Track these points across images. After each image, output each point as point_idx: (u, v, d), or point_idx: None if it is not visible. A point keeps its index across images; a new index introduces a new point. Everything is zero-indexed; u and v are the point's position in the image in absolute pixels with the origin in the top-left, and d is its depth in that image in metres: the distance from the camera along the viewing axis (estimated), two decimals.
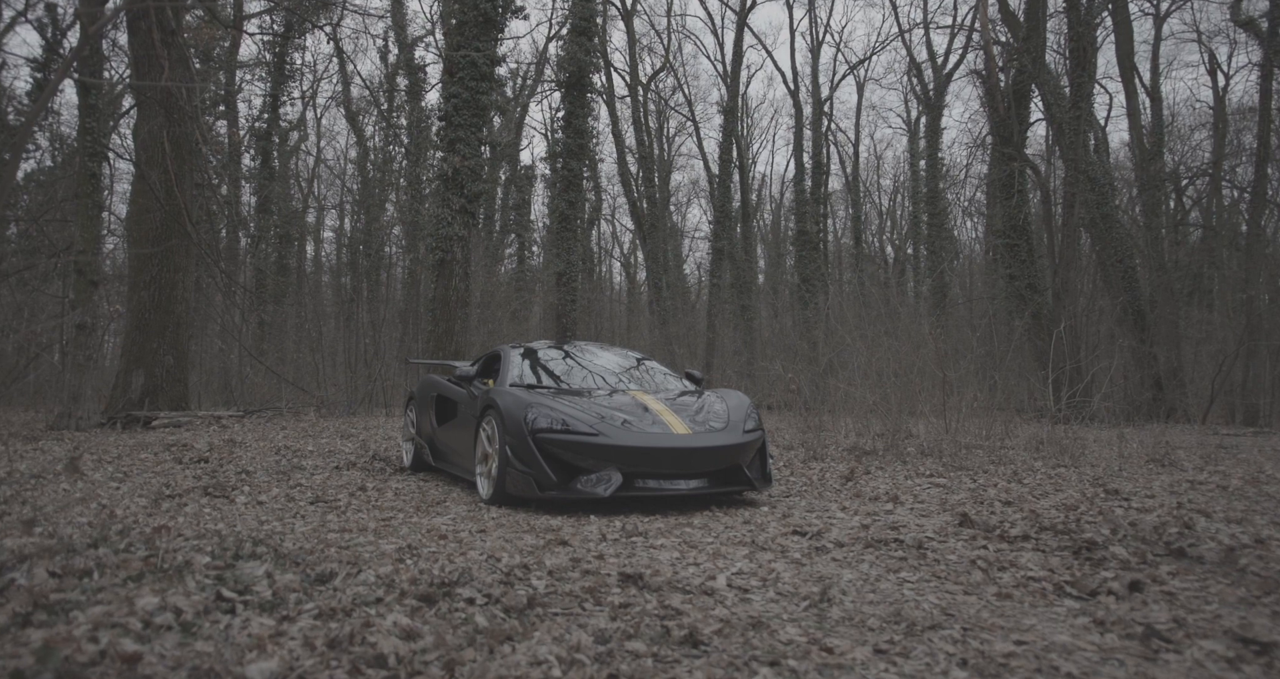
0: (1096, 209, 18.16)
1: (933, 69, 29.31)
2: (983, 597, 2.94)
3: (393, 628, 2.14)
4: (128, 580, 2.44)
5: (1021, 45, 18.47)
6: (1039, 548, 3.72)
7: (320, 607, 2.31)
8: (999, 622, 2.58)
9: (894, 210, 38.68)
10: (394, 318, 18.12)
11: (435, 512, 4.84)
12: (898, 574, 3.28)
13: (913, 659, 2.22)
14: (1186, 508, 4.57)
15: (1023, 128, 19.37)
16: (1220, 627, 2.47)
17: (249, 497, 5.19)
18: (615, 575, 2.96)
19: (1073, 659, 2.21)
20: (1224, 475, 6.47)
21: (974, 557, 3.54)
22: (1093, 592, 2.94)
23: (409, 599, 2.46)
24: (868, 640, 2.36)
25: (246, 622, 2.15)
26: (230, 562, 2.69)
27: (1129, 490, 5.45)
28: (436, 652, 2.00)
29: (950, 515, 4.53)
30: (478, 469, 5.41)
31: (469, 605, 2.48)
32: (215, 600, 2.28)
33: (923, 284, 29.09)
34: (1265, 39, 19.76)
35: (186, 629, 2.07)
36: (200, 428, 11.06)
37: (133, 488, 5.48)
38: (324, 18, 20.27)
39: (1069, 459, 7.59)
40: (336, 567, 2.78)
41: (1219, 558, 3.39)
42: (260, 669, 1.77)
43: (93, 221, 14.60)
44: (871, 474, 6.57)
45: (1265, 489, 5.65)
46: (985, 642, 2.36)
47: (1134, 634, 2.43)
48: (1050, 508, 4.56)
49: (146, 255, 11.94)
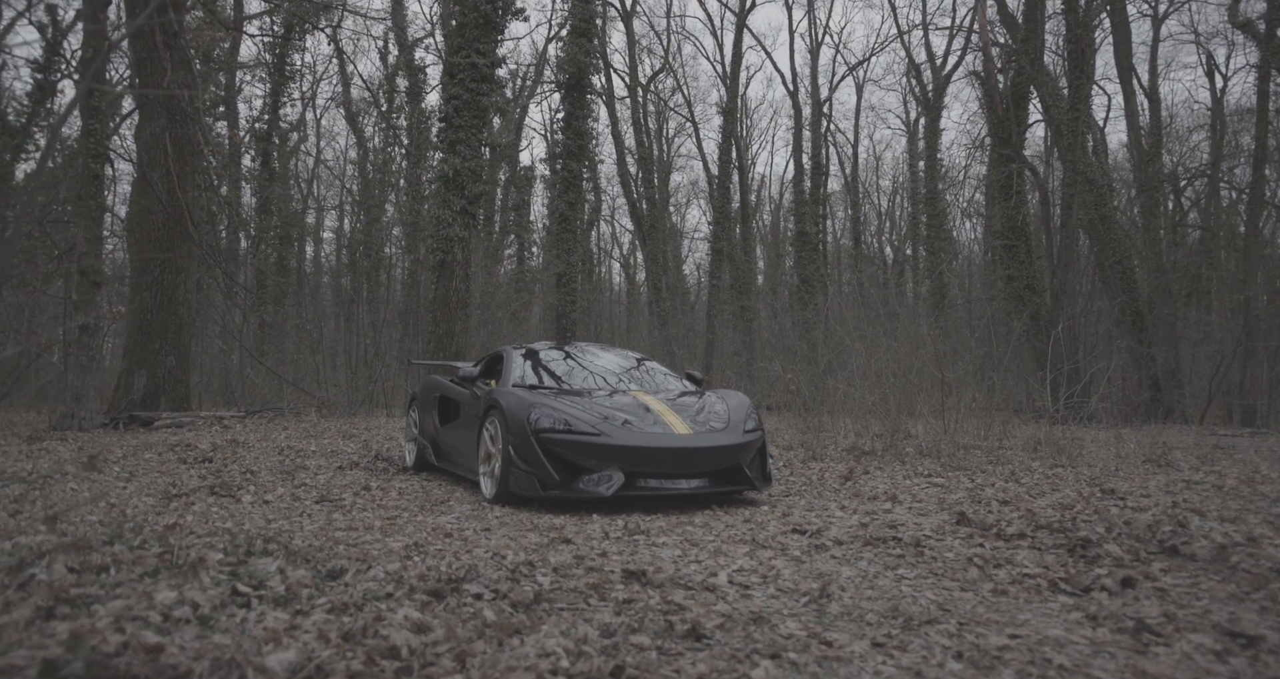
0: (1095, 210, 18.24)
1: (932, 70, 29.40)
2: (978, 593, 3.00)
3: (404, 622, 2.20)
4: (144, 576, 2.50)
5: (1020, 47, 18.54)
6: (1035, 546, 3.78)
7: (332, 601, 2.37)
8: (994, 617, 2.65)
9: (893, 211, 38.78)
10: (394, 319, 18.19)
11: (439, 510, 4.90)
12: (895, 571, 3.34)
13: (909, 652, 2.28)
14: (1181, 507, 4.63)
15: (1021, 129, 19.44)
16: (1209, 621, 2.53)
17: (255, 496, 5.25)
18: (619, 572, 3.02)
19: (1065, 652, 2.28)
20: (1220, 475, 6.53)
21: (970, 554, 3.60)
22: (1086, 588, 3.00)
23: (418, 595, 2.52)
24: (866, 634, 2.43)
25: (262, 615, 2.21)
26: (243, 558, 2.76)
27: (1125, 490, 5.51)
28: (448, 644, 2.06)
29: (948, 514, 4.59)
30: (481, 469, 5.48)
31: (477, 601, 2.55)
32: (230, 595, 2.34)
33: (921, 285, 29.15)
34: (1263, 41, 19.84)
35: (204, 622, 2.13)
36: (203, 428, 11.12)
37: (140, 487, 5.54)
38: (324, 19, 20.34)
39: (1066, 459, 7.65)
40: (346, 563, 2.84)
41: (1211, 555, 3.45)
42: (279, 660, 1.83)
43: (95, 223, 14.67)
44: (870, 474, 6.63)
45: (1260, 489, 5.71)
46: (980, 636, 2.42)
47: (1125, 628, 2.49)
48: (1046, 507, 4.62)
49: (148, 256, 12.00)
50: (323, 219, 31.91)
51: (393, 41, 26.04)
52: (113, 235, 19.71)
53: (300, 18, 19.69)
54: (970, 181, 32.03)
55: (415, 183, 23.78)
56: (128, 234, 15.54)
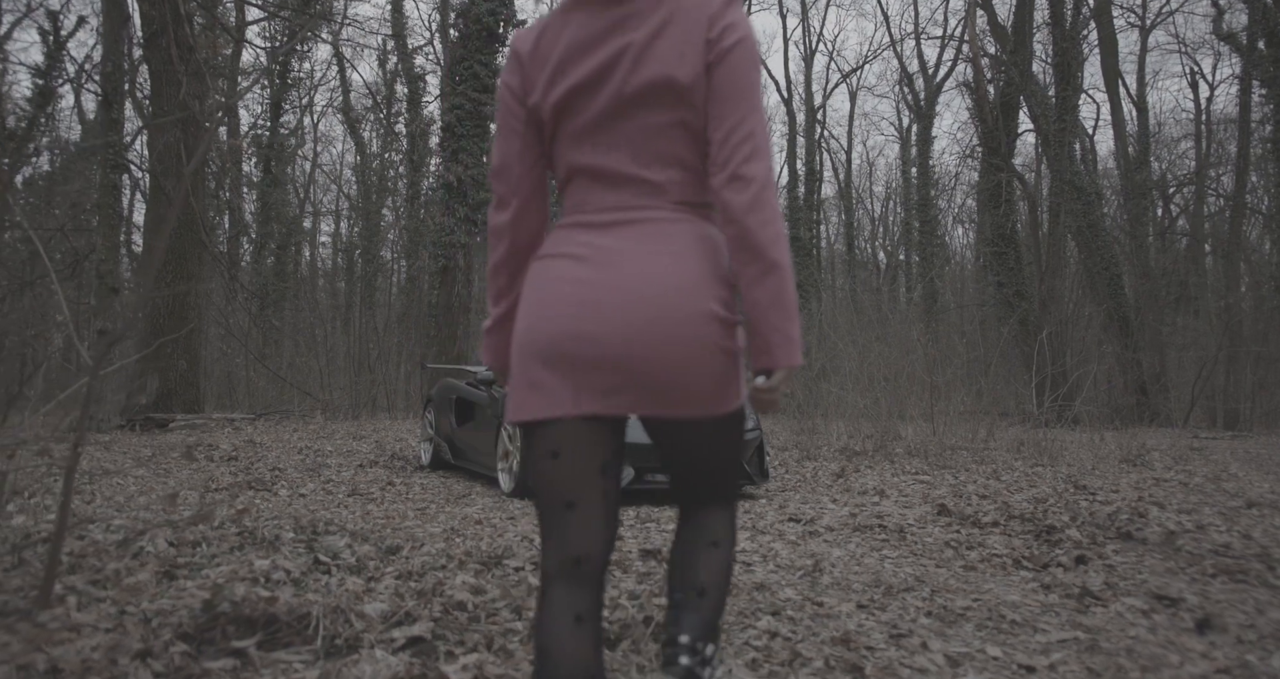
0: (1083, 218, 18.69)
1: (924, 79, 29.93)
2: (951, 569, 3.42)
3: (463, 585, 2.61)
4: (232, 550, 2.92)
5: (1009, 58, 19.03)
6: (1005, 532, 4.21)
7: (398, 570, 2.78)
8: (962, 586, 3.07)
9: (886, 216, 39.27)
10: (394, 323, 18.58)
11: (464, 503, 5.30)
12: (880, 552, 3.76)
13: (888, 612, 2.70)
14: (1145, 500, 5.06)
15: (1010, 139, 19.93)
16: (1144, 589, 2.96)
17: (290, 490, 5.64)
18: (636, 551, 3.44)
19: (1018, 611, 2.70)
20: (1189, 474, 6.97)
21: (948, 539, 4.03)
22: (1045, 565, 3.43)
23: (470, 565, 2.94)
24: (852, 599, 2.85)
25: (342, 580, 2.62)
26: (312, 536, 3.17)
27: (1097, 486, 5.94)
28: (504, 601, 2.48)
29: (930, 507, 5.01)
30: (499, 465, 5.88)
31: (518, 571, 2.96)
32: (313, 564, 2.75)
33: (914, 290, 29.63)
34: (1245, 53, 20.39)
35: (297, 584, 2.54)
36: (216, 429, 11.51)
37: (179, 482, 5.93)
38: (325, 28, 20.70)
39: (1047, 459, 8.07)
40: (400, 542, 3.25)
41: (1160, 540, 3.88)
42: (374, 608, 2.24)
43: (113, 230, 15.08)
44: (861, 472, 7.06)
45: (1224, 485, 6.15)
46: (949, 599, 2.84)
47: (1072, 594, 2.92)
48: (1022, 501, 5.04)
49: (161, 263, 12.39)
50: (318, 223, 32.21)
51: (391, 48, 26.40)
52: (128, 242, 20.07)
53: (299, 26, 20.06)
54: (962, 188, 32.59)
55: (415, 189, 24.16)
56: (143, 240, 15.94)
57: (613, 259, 1.36)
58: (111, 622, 2.10)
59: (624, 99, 1.38)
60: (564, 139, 1.45)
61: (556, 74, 1.41)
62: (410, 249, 23.48)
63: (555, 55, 1.42)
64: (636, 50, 1.36)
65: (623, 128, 1.40)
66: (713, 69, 1.35)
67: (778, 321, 1.33)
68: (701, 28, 1.35)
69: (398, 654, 2.00)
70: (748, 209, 1.31)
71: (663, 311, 1.32)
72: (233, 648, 1.99)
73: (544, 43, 1.44)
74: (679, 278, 1.34)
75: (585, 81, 1.40)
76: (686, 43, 1.35)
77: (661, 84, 1.36)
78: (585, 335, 1.33)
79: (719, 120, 1.35)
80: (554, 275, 1.39)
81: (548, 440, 1.38)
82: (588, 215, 1.42)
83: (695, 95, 1.36)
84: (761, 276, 1.32)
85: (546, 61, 1.43)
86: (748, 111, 1.35)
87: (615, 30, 1.38)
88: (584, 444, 1.37)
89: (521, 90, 1.47)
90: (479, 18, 14.95)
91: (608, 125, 1.40)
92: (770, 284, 1.33)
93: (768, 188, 1.32)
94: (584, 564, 1.36)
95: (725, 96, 1.35)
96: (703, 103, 1.37)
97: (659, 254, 1.36)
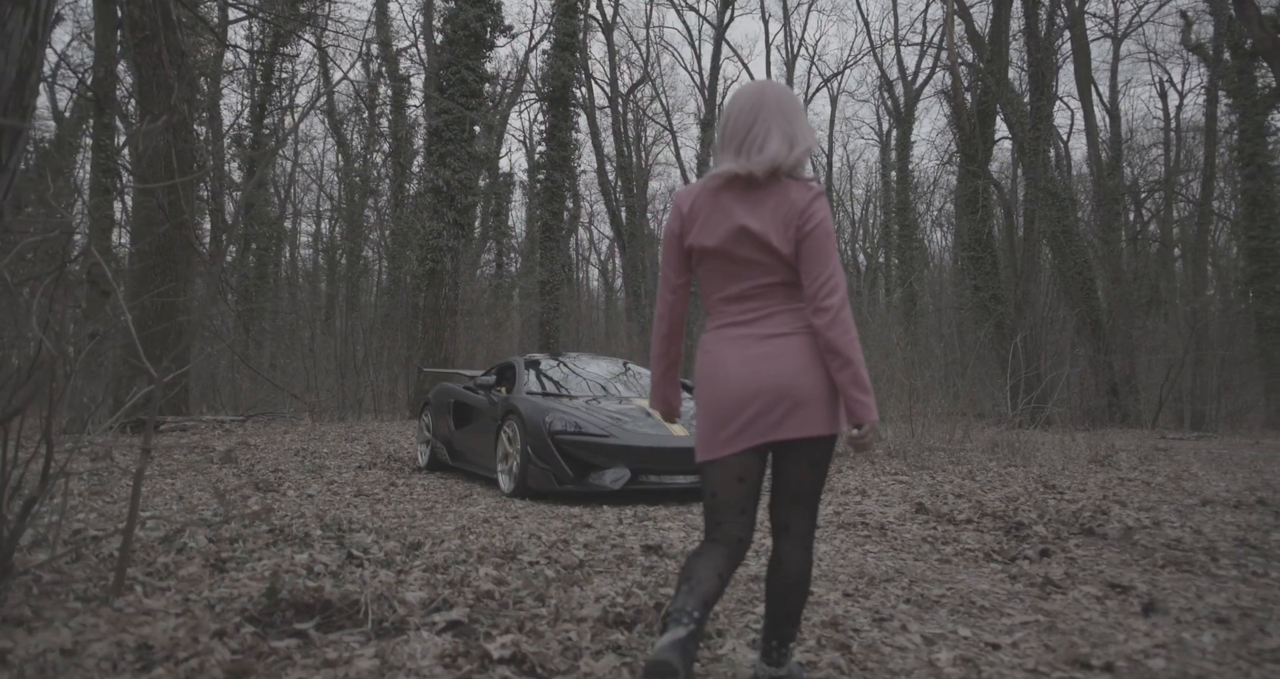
0: (1057, 223, 19.14)
1: (903, 85, 30.41)
2: (928, 562, 3.72)
3: (486, 577, 2.87)
4: (268, 546, 3.16)
5: (986, 67, 19.46)
6: (978, 529, 4.51)
7: (425, 563, 3.04)
8: (938, 577, 3.36)
9: (866, 219, 39.79)
10: (378, 325, 18.71)
11: (468, 503, 5.55)
12: (863, 547, 4.05)
13: (871, 599, 2.99)
14: (1109, 499, 5.39)
15: (987, 146, 20.35)
16: (1100, 579, 3.27)
17: (297, 491, 5.86)
18: (638, 547, 3.71)
19: (987, 598, 3.00)
20: (1153, 473, 7.33)
21: (925, 535, 4.33)
22: (1013, 558, 3.73)
23: (490, 559, 3.20)
24: (838, 588, 3.13)
25: (375, 572, 2.87)
26: (339, 533, 3.41)
27: (1065, 486, 6.27)
28: (526, 590, 2.74)
29: (909, 505, 5.31)
30: (499, 467, 6.14)
31: (533, 565, 3.22)
32: (347, 558, 3.00)
33: (894, 293, 30.10)
34: (1211, 63, 20.97)
35: (335, 576, 2.79)
36: (207, 432, 11.64)
37: (187, 483, 6.13)
38: (308, 28, 20.79)
39: (1020, 460, 8.42)
40: (421, 538, 3.50)
41: (1119, 535, 4.20)
42: (414, 596, 2.50)
43: (104, 233, 15.15)
44: (843, 473, 7.36)
45: (1184, 485, 6.50)
46: (926, 588, 3.13)
47: (1035, 583, 3.22)
48: (994, 500, 5.36)
49: (150, 265, 12.52)
50: (298, 224, 32.17)
51: (375, 49, 26.48)
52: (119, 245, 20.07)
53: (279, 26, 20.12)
54: (940, 192, 33.12)
55: (399, 190, 24.29)
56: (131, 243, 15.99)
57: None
58: (179, 608, 2.35)
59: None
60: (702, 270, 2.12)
61: (702, 230, 2.06)
62: (395, 251, 23.62)
63: (701, 216, 2.06)
64: (756, 228, 1.99)
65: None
66: (800, 244, 2.00)
67: (856, 394, 1.97)
68: (795, 216, 1.99)
69: (441, 635, 2.26)
70: (828, 327, 1.96)
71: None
72: (294, 630, 2.24)
73: (696, 204, 2.08)
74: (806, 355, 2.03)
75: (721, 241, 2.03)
76: (786, 226, 1.99)
77: (764, 249, 2.02)
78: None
79: (807, 275, 2.00)
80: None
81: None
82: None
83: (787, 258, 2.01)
84: (842, 367, 1.97)
85: (696, 219, 2.07)
86: (823, 265, 1.99)
87: (742, 210, 2.01)
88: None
89: (680, 233, 2.12)
90: (466, 23, 15.13)
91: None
92: (848, 372, 1.97)
93: (843, 309, 1.97)
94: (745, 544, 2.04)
95: (810, 259, 1.99)
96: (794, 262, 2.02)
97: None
